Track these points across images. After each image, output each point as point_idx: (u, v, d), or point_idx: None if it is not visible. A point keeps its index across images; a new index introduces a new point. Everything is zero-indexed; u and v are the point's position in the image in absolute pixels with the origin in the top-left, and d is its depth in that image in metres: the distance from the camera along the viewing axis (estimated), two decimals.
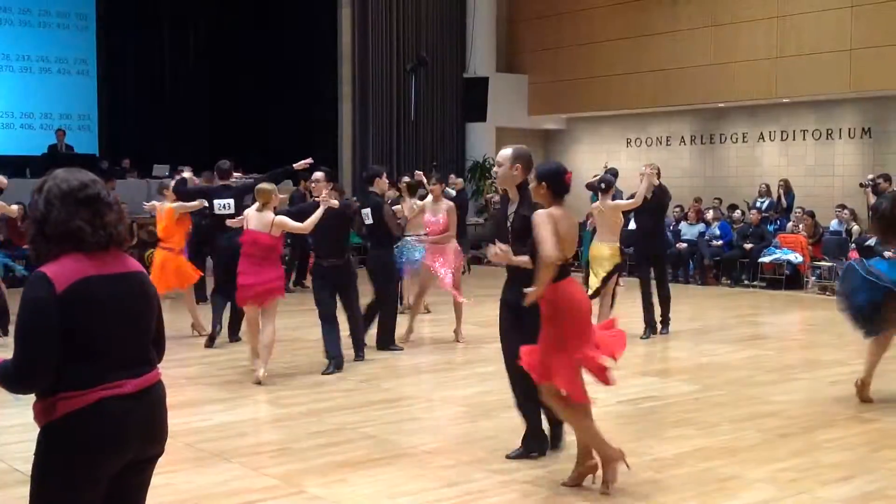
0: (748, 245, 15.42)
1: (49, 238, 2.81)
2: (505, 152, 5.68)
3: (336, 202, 8.05)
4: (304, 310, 10.28)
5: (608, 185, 9.56)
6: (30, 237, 2.86)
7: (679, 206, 16.95)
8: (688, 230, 16.37)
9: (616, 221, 9.44)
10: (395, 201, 11.27)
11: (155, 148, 19.25)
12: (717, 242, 15.86)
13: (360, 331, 8.64)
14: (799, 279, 14.92)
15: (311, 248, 10.42)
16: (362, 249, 13.29)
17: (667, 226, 15.99)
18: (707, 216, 16.66)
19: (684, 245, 15.96)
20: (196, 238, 11.69)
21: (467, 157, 21.14)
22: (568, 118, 22.27)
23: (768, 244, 15.33)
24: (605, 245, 9.37)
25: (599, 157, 19.76)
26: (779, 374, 8.30)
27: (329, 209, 7.87)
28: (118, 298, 2.84)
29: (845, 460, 5.69)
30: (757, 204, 16.78)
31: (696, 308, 12.91)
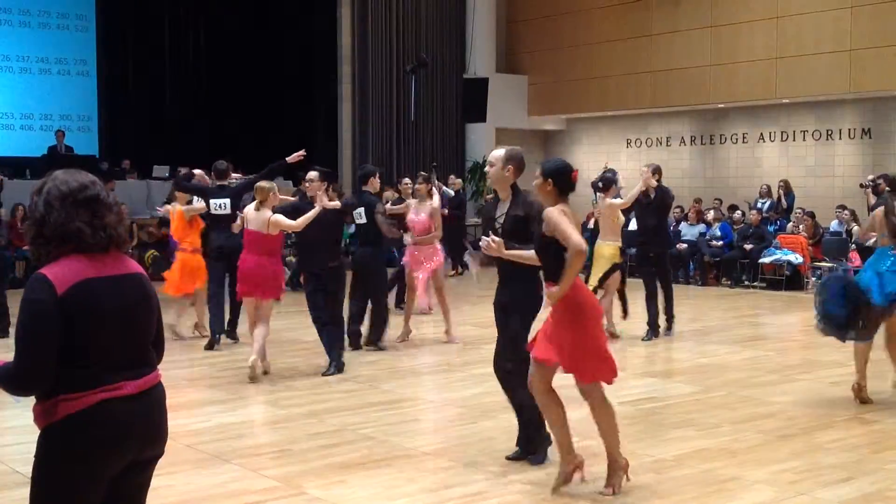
0: (748, 246, 15.42)
1: (49, 239, 2.81)
2: (497, 153, 5.67)
3: (336, 203, 8.03)
4: (302, 311, 10.26)
5: (606, 184, 9.55)
6: (30, 238, 2.86)
7: (679, 207, 16.96)
8: (688, 231, 16.37)
9: (614, 221, 9.43)
10: (397, 202, 11.29)
11: (155, 149, 19.25)
12: (718, 243, 15.86)
13: (341, 336, 8.46)
14: (799, 280, 14.93)
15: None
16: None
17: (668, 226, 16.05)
18: (708, 217, 16.66)
19: (684, 246, 15.96)
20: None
21: (467, 158, 21.14)
22: (568, 119, 22.28)
23: (768, 245, 15.33)
24: (606, 244, 9.39)
25: (599, 158, 19.74)
26: (779, 375, 8.30)
27: (336, 207, 7.90)
28: (118, 300, 2.84)
29: (845, 461, 5.68)
30: (758, 205, 16.78)
31: (697, 309, 12.91)
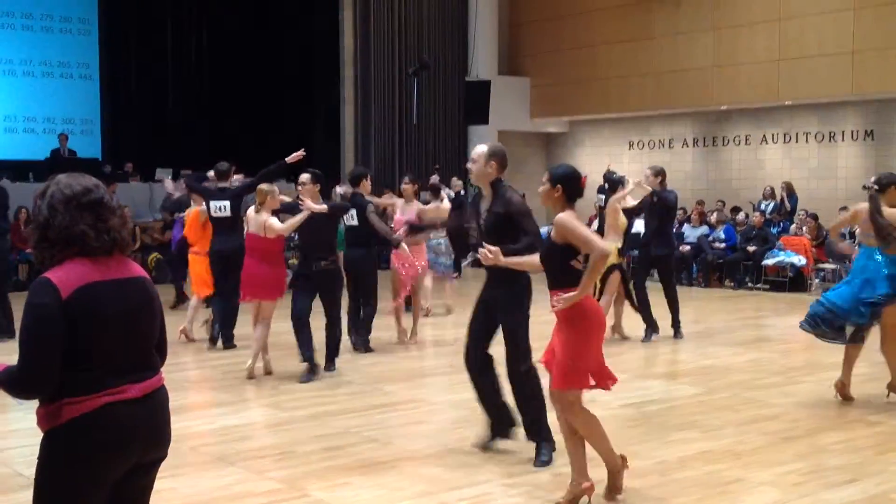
0: (751, 248, 15.41)
1: (53, 243, 2.81)
2: (480, 149, 5.68)
3: (323, 206, 7.95)
4: None
5: (613, 185, 9.57)
6: (33, 242, 2.86)
7: (682, 209, 16.94)
8: (691, 233, 16.37)
9: (615, 221, 9.45)
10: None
11: (157, 152, 19.26)
12: (720, 245, 15.85)
13: (338, 341, 8.42)
14: (802, 281, 14.92)
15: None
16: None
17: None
18: (711, 219, 16.65)
19: (688, 247, 15.95)
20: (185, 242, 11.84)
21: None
22: (570, 121, 22.27)
23: (772, 247, 15.32)
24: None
25: (602, 160, 19.72)
26: (783, 377, 8.29)
27: (323, 210, 7.86)
28: (122, 304, 2.84)
29: (850, 463, 5.67)
30: (761, 206, 16.77)
31: (700, 311, 12.89)
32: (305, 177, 8.04)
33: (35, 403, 2.82)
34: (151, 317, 2.96)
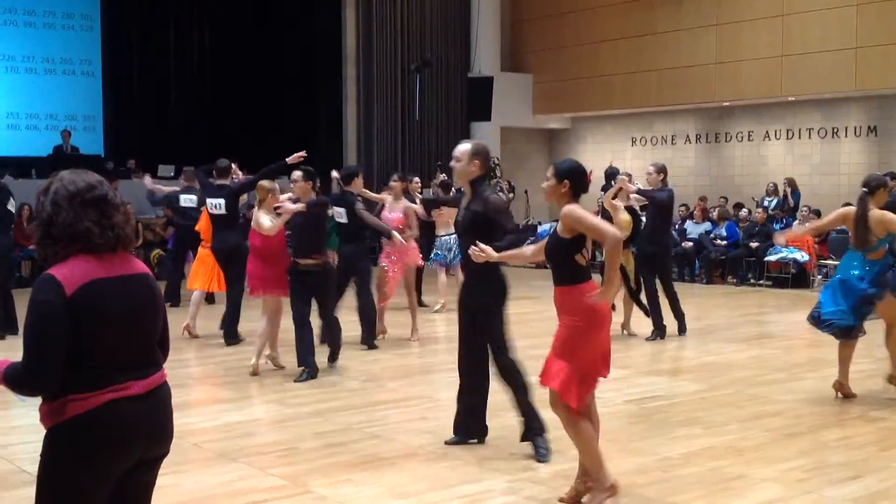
0: (754, 244, 15.39)
1: (57, 239, 2.81)
2: (463, 147, 5.68)
3: (300, 206, 7.94)
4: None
5: (608, 177, 9.62)
6: (37, 239, 2.85)
7: (684, 206, 16.94)
8: (693, 229, 16.35)
9: (615, 217, 9.44)
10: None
11: (159, 148, 19.27)
12: (722, 242, 15.84)
13: (337, 336, 8.36)
14: (805, 278, 14.90)
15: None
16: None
17: (672, 225, 16.01)
18: (713, 215, 16.64)
19: (690, 244, 15.94)
20: (181, 237, 11.95)
21: None
22: (572, 117, 22.26)
23: (774, 243, 15.29)
24: None
25: (604, 157, 19.73)
26: (786, 374, 8.29)
27: (301, 209, 7.86)
28: (126, 301, 2.84)
29: (853, 459, 5.67)
30: (764, 203, 16.75)
31: (702, 307, 12.88)
32: (297, 174, 8.03)
33: (38, 400, 2.82)
34: (155, 313, 2.96)
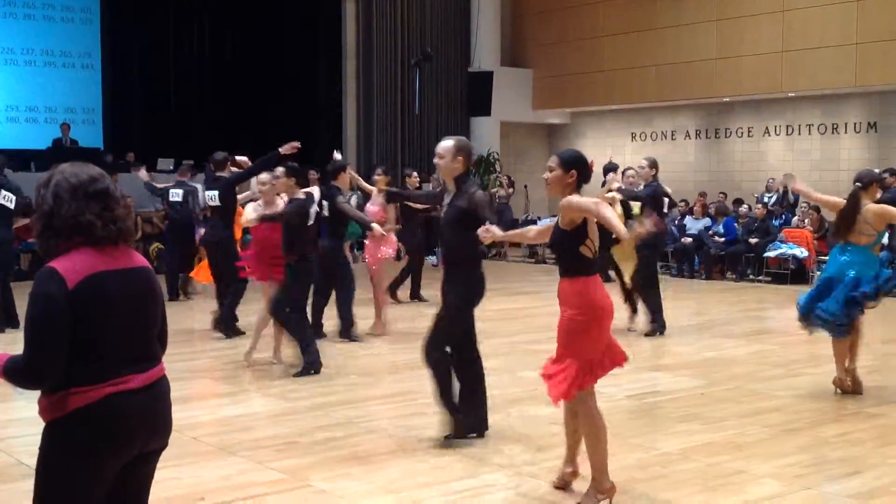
0: (753, 240, 15.40)
1: (59, 232, 2.80)
2: (447, 144, 5.69)
3: (276, 210, 7.95)
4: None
5: (606, 172, 9.63)
6: (38, 231, 2.84)
7: (684, 201, 16.94)
8: (693, 224, 16.35)
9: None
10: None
11: (159, 142, 19.25)
12: (720, 239, 15.84)
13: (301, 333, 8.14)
14: (804, 274, 14.90)
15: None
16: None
17: (671, 220, 16.01)
18: (710, 211, 16.64)
19: (689, 239, 15.94)
20: (171, 230, 12.09)
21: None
22: (572, 112, 22.25)
23: (773, 239, 15.30)
24: None
25: (604, 152, 19.71)
26: (784, 370, 8.29)
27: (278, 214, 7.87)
28: (127, 294, 2.84)
29: (851, 455, 5.67)
30: (764, 199, 16.75)
31: (701, 303, 12.89)
32: (280, 170, 7.98)
33: (37, 392, 2.82)
34: (155, 306, 2.96)
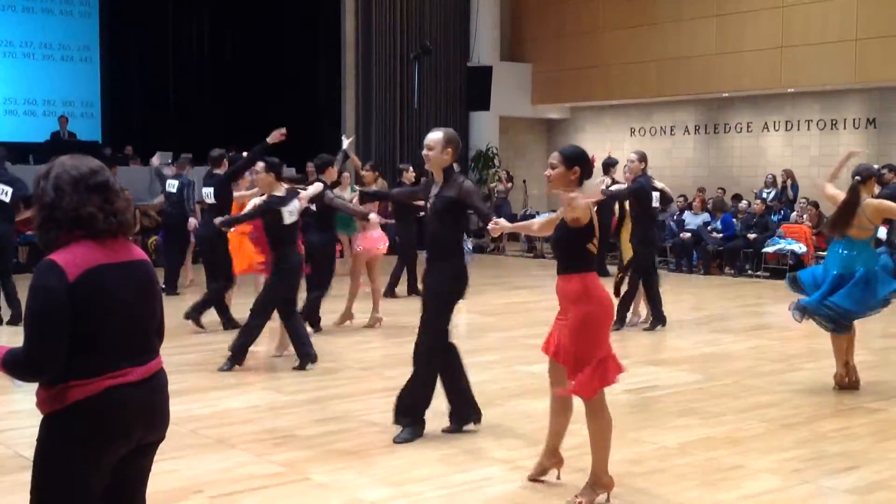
0: (752, 235, 15.40)
1: (60, 224, 2.79)
2: (436, 136, 5.70)
3: (247, 210, 7.97)
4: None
5: (606, 167, 9.65)
6: (38, 223, 2.83)
7: (682, 196, 16.94)
8: (692, 220, 16.35)
9: (611, 207, 9.53)
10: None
11: (157, 135, 19.22)
12: (718, 235, 15.85)
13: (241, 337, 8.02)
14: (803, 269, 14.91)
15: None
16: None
17: (669, 215, 16.02)
18: (708, 206, 16.65)
19: (688, 235, 15.94)
20: (165, 223, 12.11)
21: (470, 147, 21.10)
22: (572, 107, 22.23)
23: (772, 234, 15.31)
24: None
25: (603, 147, 19.66)
26: (783, 365, 8.30)
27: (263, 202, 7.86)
28: (127, 287, 2.84)
29: (850, 450, 5.68)
30: (763, 194, 16.75)
31: (700, 298, 12.90)
32: (259, 166, 7.97)
33: (34, 384, 2.81)
34: (153, 299, 2.96)
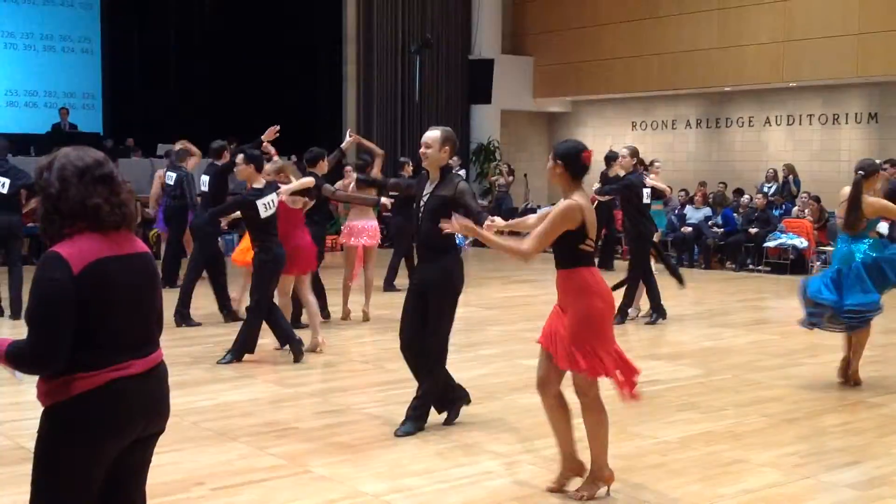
0: (753, 229, 15.39)
1: (64, 216, 2.78)
2: (433, 134, 5.68)
3: (222, 205, 8.01)
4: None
5: (607, 160, 9.68)
6: (42, 215, 2.81)
7: (684, 191, 16.93)
8: (693, 214, 16.35)
9: (610, 207, 9.57)
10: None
11: (159, 127, 19.20)
12: (719, 230, 15.85)
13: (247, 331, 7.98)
14: (804, 264, 14.90)
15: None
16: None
17: (671, 210, 16.01)
18: (709, 201, 16.65)
19: (689, 229, 15.93)
20: (166, 216, 12.21)
21: (472, 140, 21.09)
22: (573, 101, 22.20)
23: (773, 229, 15.30)
24: None
25: (604, 141, 19.70)
26: (784, 359, 8.30)
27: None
28: (130, 280, 2.84)
29: (851, 445, 5.68)
30: (764, 189, 16.74)
31: (701, 292, 12.89)
32: (239, 158, 7.98)
33: (35, 377, 2.81)
34: (154, 292, 2.96)
